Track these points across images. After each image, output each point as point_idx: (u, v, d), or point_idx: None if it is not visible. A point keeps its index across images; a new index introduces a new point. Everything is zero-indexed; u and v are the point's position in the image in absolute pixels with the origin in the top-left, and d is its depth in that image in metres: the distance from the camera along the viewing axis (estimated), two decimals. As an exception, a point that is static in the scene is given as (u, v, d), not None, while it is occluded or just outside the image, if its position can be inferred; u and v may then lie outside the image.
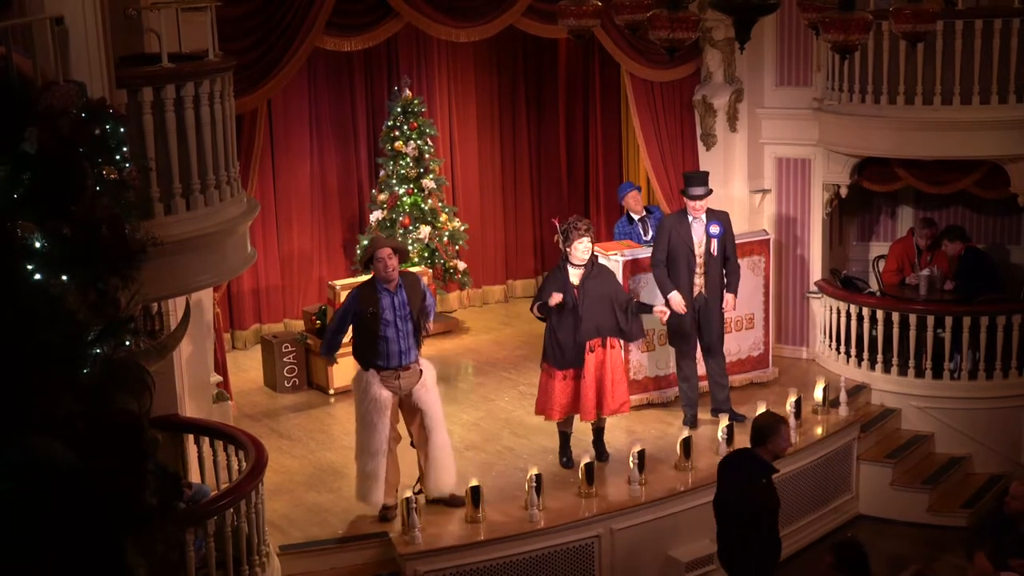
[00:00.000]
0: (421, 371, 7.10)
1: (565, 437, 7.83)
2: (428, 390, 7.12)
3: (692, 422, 8.32)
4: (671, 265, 8.15)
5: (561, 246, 7.57)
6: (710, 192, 8.30)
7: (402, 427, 7.26)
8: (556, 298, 7.36)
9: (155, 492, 2.51)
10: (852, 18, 5.42)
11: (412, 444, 7.27)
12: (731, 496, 6.11)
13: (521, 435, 8.40)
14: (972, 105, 8.70)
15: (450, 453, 7.26)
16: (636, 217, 9.68)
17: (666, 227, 8.26)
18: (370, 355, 6.98)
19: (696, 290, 8.18)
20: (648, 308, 7.83)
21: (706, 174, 8.55)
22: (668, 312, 7.94)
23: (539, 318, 7.62)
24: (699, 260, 8.13)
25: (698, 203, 8.16)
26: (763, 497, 6.08)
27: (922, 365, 9.11)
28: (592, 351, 7.53)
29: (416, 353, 7.07)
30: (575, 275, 7.50)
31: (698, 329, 8.26)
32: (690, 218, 8.19)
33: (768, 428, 6.12)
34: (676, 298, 8.06)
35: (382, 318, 6.90)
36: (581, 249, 7.47)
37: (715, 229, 8.16)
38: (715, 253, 8.15)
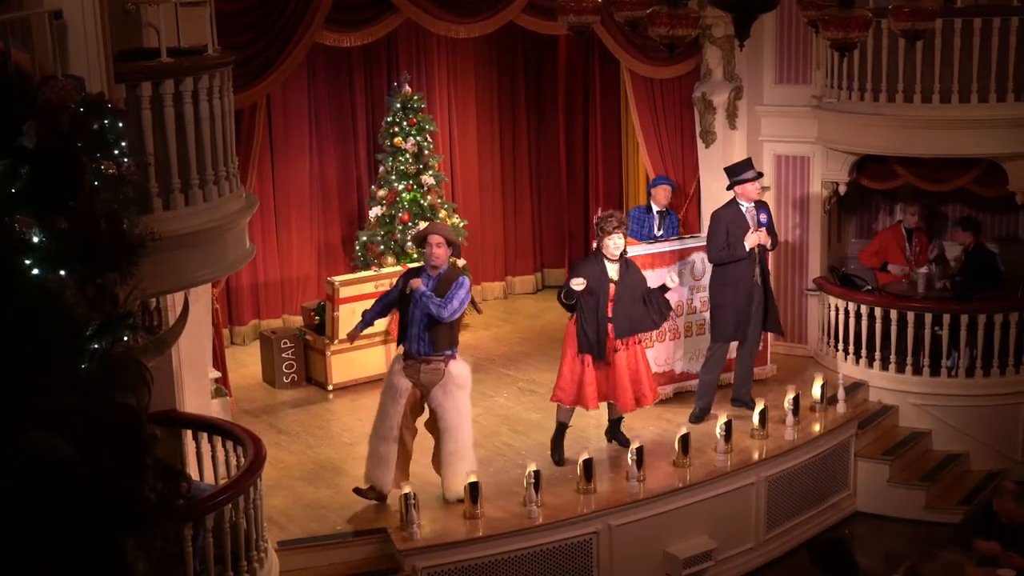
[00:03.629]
0: (444, 373, 7.02)
1: (563, 429, 7.82)
2: (446, 393, 7.00)
3: (700, 417, 8.35)
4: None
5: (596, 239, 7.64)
6: (761, 174, 8.39)
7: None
8: (579, 283, 7.34)
9: (154, 488, 2.50)
10: (851, 16, 5.43)
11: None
12: None
13: (520, 431, 8.41)
14: (971, 103, 8.71)
15: (462, 459, 7.06)
16: (656, 209, 9.73)
17: (723, 220, 8.26)
18: (400, 336, 7.08)
19: (754, 279, 8.23)
20: (664, 289, 7.77)
21: (750, 159, 8.66)
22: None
23: (566, 305, 7.55)
24: (756, 250, 8.21)
25: (754, 185, 8.24)
26: None
27: (920, 362, 9.12)
28: (627, 347, 7.60)
29: (431, 348, 6.96)
30: (612, 270, 7.55)
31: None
32: (743, 207, 8.23)
33: None
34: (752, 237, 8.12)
35: (412, 298, 6.93)
36: (612, 245, 7.51)
37: (764, 218, 8.28)
38: (767, 242, 8.23)
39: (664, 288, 7.77)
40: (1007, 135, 8.75)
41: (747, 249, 8.14)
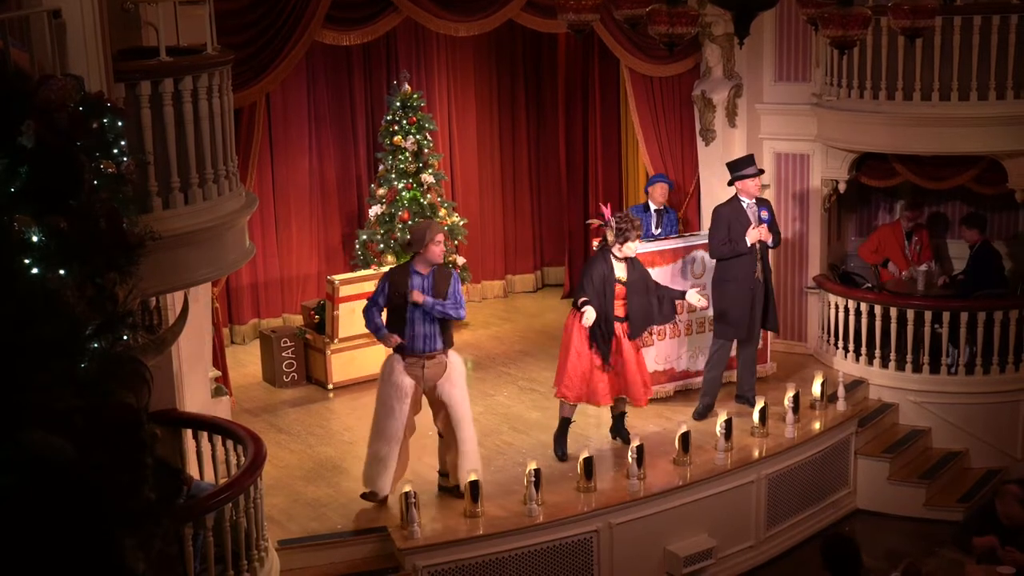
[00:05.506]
0: (447, 364, 7.08)
1: (567, 424, 7.83)
2: (453, 384, 7.08)
3: (703, 414, 8.36)
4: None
5: (610, 237, 7.61)
6: (762, 171, 8.44)
7: (421, 420, 7.27)
8: (590, 317, 7.39)
9: (154, 487, 2.51)
10: (851, 14, 5.43)
11: (440, 435, 7.29)
12: None
13: (520, 430, 8.41)
14: (970, 101, 8.70)
15: (476, 447, 7.23)
16: (654, 208, 9.75)
17: (724, 217, 8.30)
18: (398, 335, 6.97)
19: (756, 276, 8.25)
20: (680, 293, 7.89)
21: (752, 155, 8.70)
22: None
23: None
24: (758, 246, 8.24)
25: (755, 181, 8.29)
26: None
27: (920, 360, 9.12)
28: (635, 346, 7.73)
29: (442, 343, 7.03)
30: (620, 269, 7.61)
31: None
32: (745, 203, 8.28)
33: None
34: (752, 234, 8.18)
35: (410, 300, 6.93)
36: (632, 248, 7.60)
37: (765, 215, 8.31)
38: (768, 239, 8.27)
39: (679, 292, 7.89)
40: (1007, 133, 8.74)
41: (748, 245, 8.17)
